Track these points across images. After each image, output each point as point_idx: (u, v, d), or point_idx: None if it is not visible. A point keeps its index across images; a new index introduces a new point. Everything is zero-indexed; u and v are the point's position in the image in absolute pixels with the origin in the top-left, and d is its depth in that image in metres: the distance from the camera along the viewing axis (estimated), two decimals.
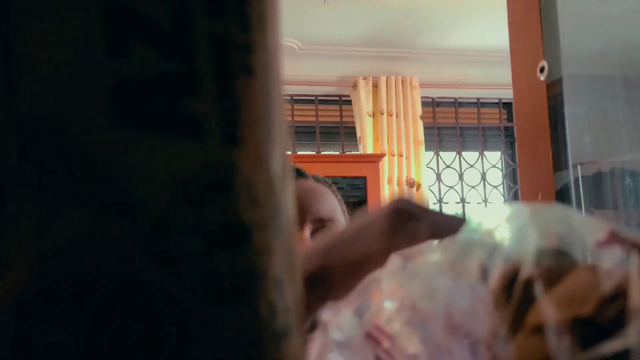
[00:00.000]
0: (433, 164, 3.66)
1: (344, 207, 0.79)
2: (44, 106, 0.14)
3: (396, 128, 3.43)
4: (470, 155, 3.75)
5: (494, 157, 3.78)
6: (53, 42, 0.14)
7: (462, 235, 0.30)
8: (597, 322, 0.23)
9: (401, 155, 3.40)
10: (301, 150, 3.62)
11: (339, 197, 0.79)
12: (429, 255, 0.30)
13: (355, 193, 3.03)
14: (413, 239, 0.35)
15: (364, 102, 3.44)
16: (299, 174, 0.76)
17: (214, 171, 0.15)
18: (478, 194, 3.70)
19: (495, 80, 3.48)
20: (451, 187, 3.67)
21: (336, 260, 0.40)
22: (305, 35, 3.27)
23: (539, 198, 0.88)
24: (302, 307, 0.17)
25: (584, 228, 0.27)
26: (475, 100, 3.75)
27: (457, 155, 3.70)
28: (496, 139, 3.78)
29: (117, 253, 0.14)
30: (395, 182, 3.36)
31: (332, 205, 0.75)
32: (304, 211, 0.71)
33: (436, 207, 3.59)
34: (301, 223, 0.71)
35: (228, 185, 0.15)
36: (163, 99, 0.15)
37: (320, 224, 0.72)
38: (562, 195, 0.86)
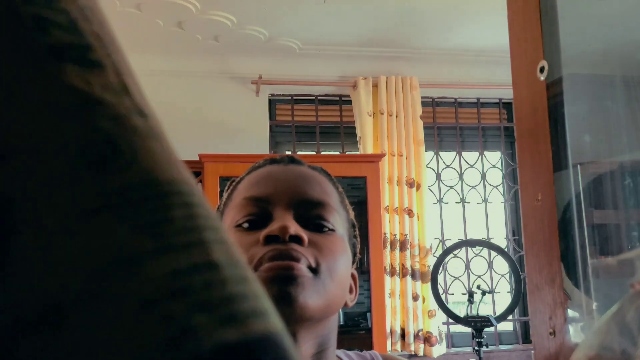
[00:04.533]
0: (433, 164, 3.66)
1: (347, 201, 0.74)
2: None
3: (396, 128, 3.43)
4: (470, 155, 3.75)
5: (494, 157, 3.78)
6: None
7: None
8: None
9: (401, 155, 3.40)
10: (301, 150, 3.62)
11: (340, 189, 0.75)
12: None
13: (355, 193, 3.03)
14: None
15: (364, 102, 3.44)
16: (292, 160, 0.73)
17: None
18: (478, 194, 3.70)
19: (495, 80, 3.49)
20: (451, 187, 3.67)
21: None
22: (305, 35, 3.28)
23: (539, 198, 0.88)
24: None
25: None
26: (475, 100, 3.75)
27: (457, 155, 3.70)
28: (496, 139, 3.78)
29: None
30: (395, 182, 3.36)
31: (325, 190, 0.70)
32: (291, 194, 0.67)
33: (436, 206, 3.59)
34: (287, 207, 0.66)
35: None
36: None
37: (309, 206, 0.67)
38: (561, 196, 0.86)
